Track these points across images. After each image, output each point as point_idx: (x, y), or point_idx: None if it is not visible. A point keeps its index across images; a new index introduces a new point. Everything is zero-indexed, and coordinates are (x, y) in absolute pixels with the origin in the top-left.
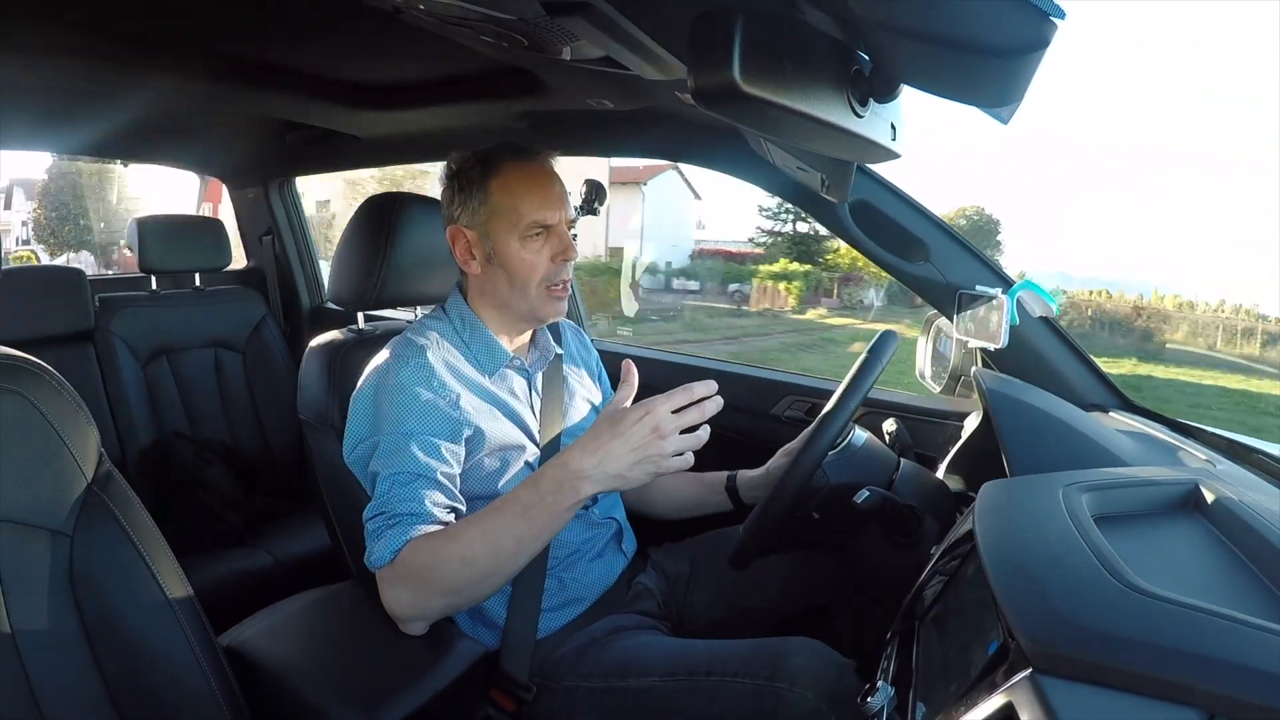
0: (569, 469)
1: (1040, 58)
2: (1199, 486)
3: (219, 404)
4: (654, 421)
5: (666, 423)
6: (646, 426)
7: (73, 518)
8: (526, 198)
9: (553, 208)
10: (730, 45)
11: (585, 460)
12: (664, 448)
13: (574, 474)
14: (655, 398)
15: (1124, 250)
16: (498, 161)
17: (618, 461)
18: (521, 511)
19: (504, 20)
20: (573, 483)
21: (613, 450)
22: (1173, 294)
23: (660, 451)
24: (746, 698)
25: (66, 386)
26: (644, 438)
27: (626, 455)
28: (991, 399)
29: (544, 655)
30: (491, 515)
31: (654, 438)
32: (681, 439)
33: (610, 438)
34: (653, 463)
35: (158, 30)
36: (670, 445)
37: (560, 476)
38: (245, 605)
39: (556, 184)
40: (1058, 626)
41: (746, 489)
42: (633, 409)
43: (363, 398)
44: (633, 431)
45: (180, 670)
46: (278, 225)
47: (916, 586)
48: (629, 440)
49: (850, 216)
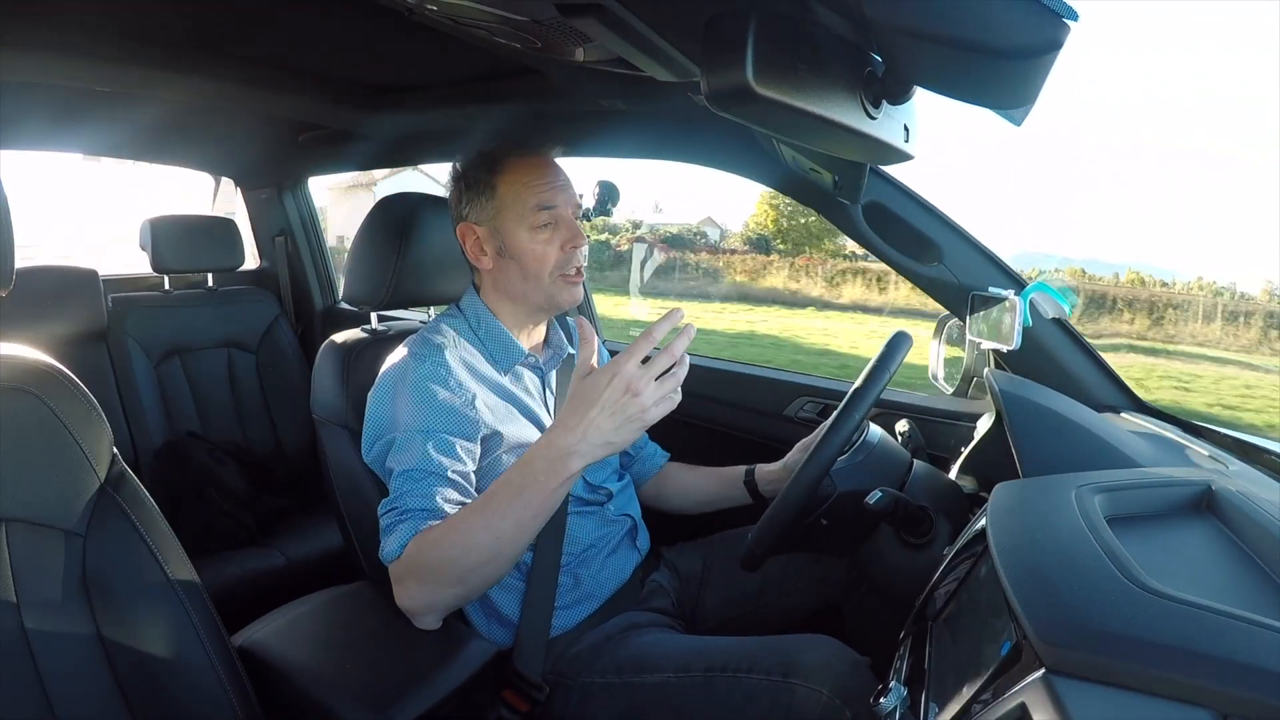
0: (555, 447)
1: (1054, 59)
2: (1211, 487)
3: (232, 404)
4: (623, 381)
5: (637, 378)
6: (618, 388)
7: (86, 517)
8: (531, 186)
9: (558, 192)
10: (743, 47)
11: (568, 436)
12: (641, 403)
13: (561, 451)
14: (618, 356)
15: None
16: (502, 157)
17: (600, 430)
18: (516, 494)
19: (517, 21)
20: (562, 460)
21: (592, 419)
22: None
23: (639, 407)
24: (761, 694)
25: (79, 387)
26: (619, 399)
27: (606, 422)
28: (1004, 400)
29: (558, 653)
30: (488, 501)
31: (629, 397)
32: (658, 386)
33: (587, 408)
34: (635, 420)
35: (171, 31)
36: (647, 398)
37: (549, 456)
38: (258, 605)
39: (560, 175)
40: (1071, 627)
41: (765, 483)
42: (600, 374)
43: (380, 395)
44: (605, 396)
45: (193, 670)
46: (291, 226)
47: (929, 587)
48: (605, 406)
49: (862, 217)
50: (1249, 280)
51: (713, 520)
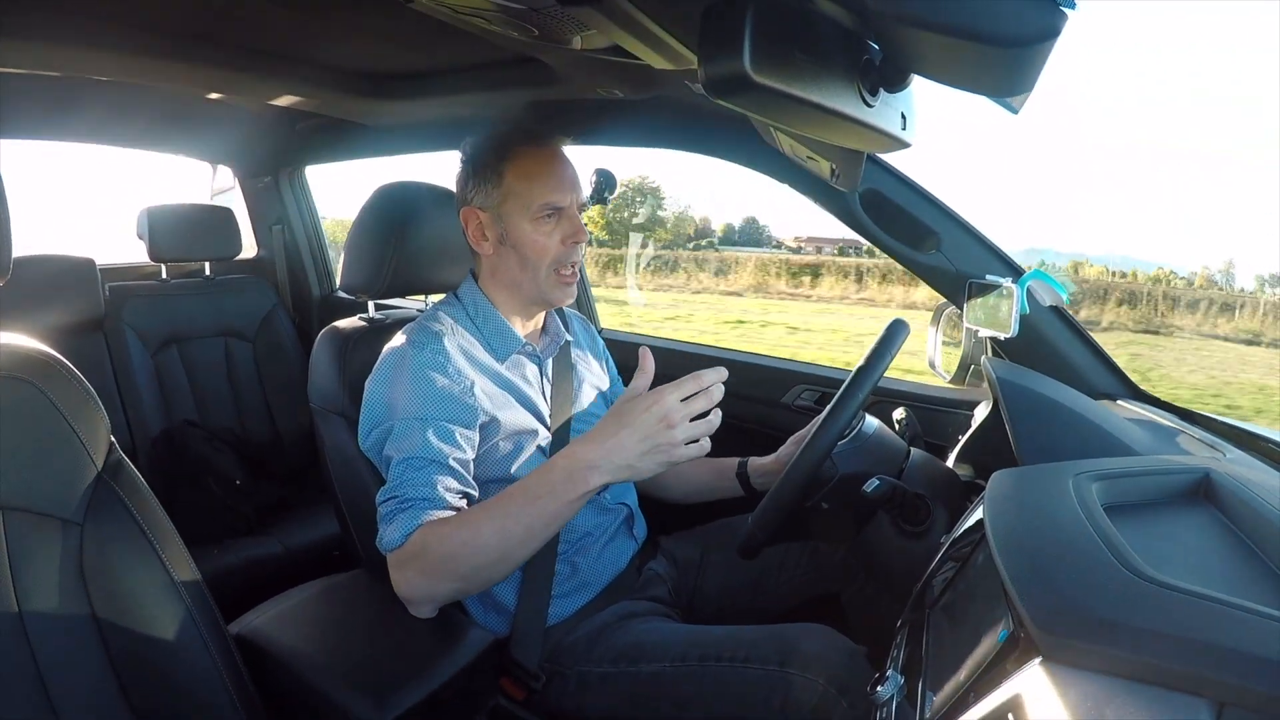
0: (578, 459)
1: (1051, 48)
2: (1209, 475)
3: (229, 393)
4: (662, 410)
5: (675, 411)
6: (654, 416)
7: (83, 506)
8: (539, 181)
9: (564, 191)
10: (740, 35)
11: (594, 451)
12: (673, 436)
13: (583, 464)
14: (663, 387)
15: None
16: (512, 146)
17: (626, 452)
18: (531, 500)
19: (514, 9)
20: (582, 473)
21: (621, 441)
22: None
23: (670, 441)
24: (757, 683)
25: (77, 376)
26: (652, 427)
27: (635, 446)
28: (1001, 388)
29: (555, 642)
30: (502, 503)
31: (662, 427)
32: (692, 426)
33: (618, 428)
34: (663, 452)
35: (169, 20)
36: (680, 434)
37: (569, 467)
38: (255, 593)
39: (568, 169)
40: (1068, 615)
41: (757, 476)
42: (640, 399)
43: (378, 383)
44: (640, 421)
45: (190, 658)
46: (288, 215)
47: (926, 575)
48: (637, 430)
49: (860, 205)
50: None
51: (710, 509)
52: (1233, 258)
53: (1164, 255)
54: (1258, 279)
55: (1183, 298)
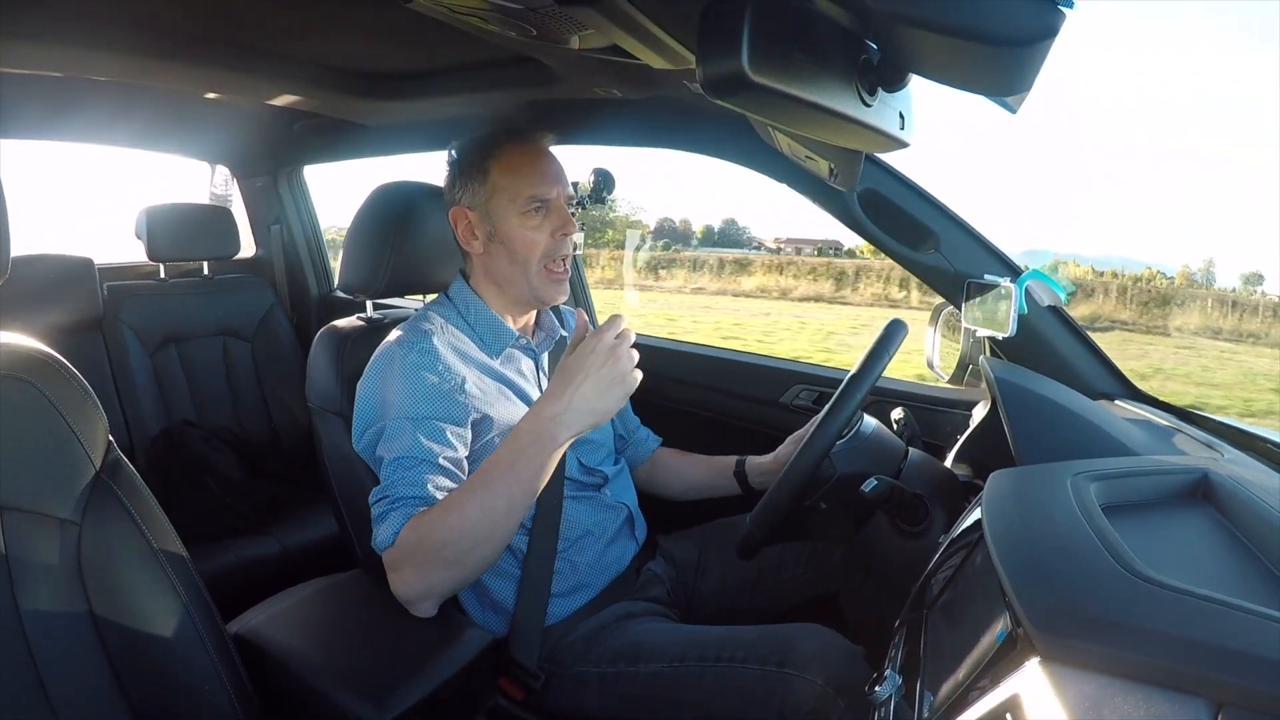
0: (542, 417)
1: (1049, 47)
2: (1207, 475)
3: (227, 392)
4: (604, 346)
5: (618, 345)
6: (600, 354)
7: (81, 505)
8: (524, 175)
9: (550, 184)
10: (739, 35)
11: (554, 405)
12: (624, 366)
13: (547, 419)
14: (593, 331)
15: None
16: (496, 144)
17: (586, 397)
18: (507, 469)
19: (513, 9)
20: (549, 430)
21: (578, 387)
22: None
23: (622, 370)
24: (755, 683)
25: (75, 375)
26: (601, 363)
27: (592, 388)
28: (999, 388)
29: (554, 642)
30: (479, 479)
31: (611, 360)
32: (634, 354)
33: (570, 377)
34: (619, 384)
35: (167, 20)
36: (626, 364)
37: (535, 429)
38: (253, 593)
39: (553, 163)
40: (1065, 615)
41: (755, 475)
42: (581, 347)
43: (369, 383)
44: (589, 364)
45: (188, 657)
46: (286, 214)
47: (924, 576)
48: (589, 373)
49: (858, 205)
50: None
51: (708, 509)
52: (1213, 256)
53: (1163, 256)
54: (1242, 277)
55: (1162, 296)
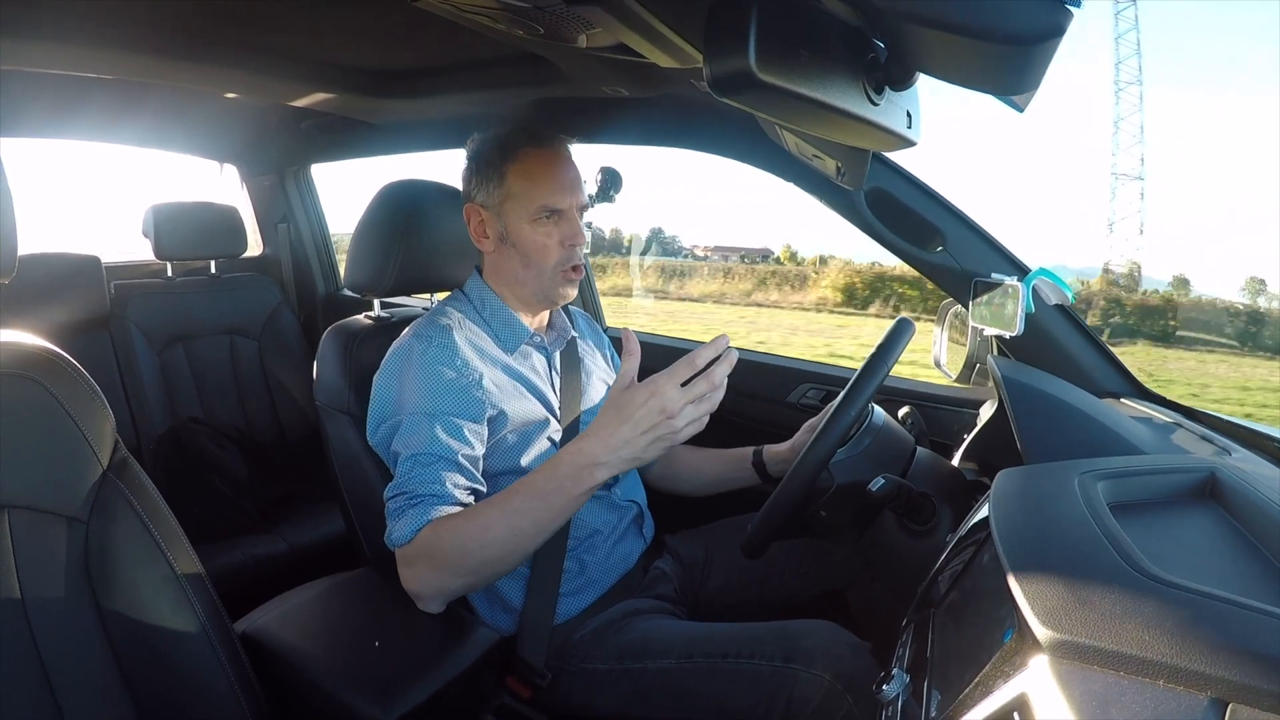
0: (584, 456)
1: (1056, 46)
2: (1215, 474)
3: (234, 390)
4: (660, 403)
5: (674, 402)
6: (654, 409)
7: (88, 504)
8: (540, 183)
9: (564, 194)
10: (746, 33)
11: (597, 447)
12: (674, 425)
13: (589, 460)
14: (658, 376)
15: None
16: (516, 146)
17: (630, 446)
18: (539, 496)
19: (521, 8)
20: (589, 469)
21: (623, 435)
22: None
23: (672, 430)
24: (763, 679)
25: (82, 374)
26: (653, 419)
27: (638, 439)
28: (1006, 386)
29: (561, 639)
30: (510, 498)
31: (663, 418)
32: (693, 409)
33: (620, 423)
34: (665, 440)
35: (175, 18)
36: (681, 421)
37: (576, 463)
38: (260, 591)
39: (571, 170)
40: (1072, 614)
41: (774, 463)
42: (639, 391)
43: (386, 377)
44: (640, 416)
45: (196, 657)
46: (293, 213)
47: (931, 574)
48: (638, 425)
49: (866, 204)
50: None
51: (715, 507)
52: (1140, 262)
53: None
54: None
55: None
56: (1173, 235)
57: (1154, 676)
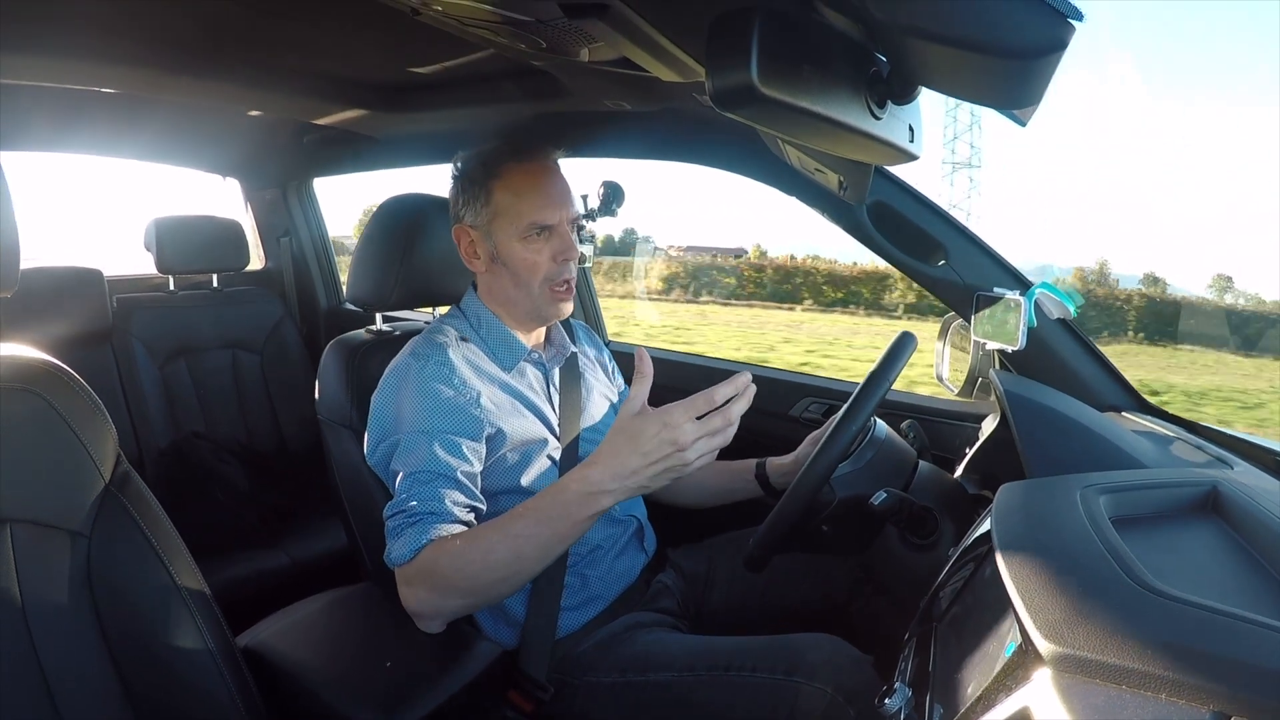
0: (590, 482)
1: (1058, 60)
2: (1216, 488)
3: (236, 404)
4: (673, 435)
5: (686, 435)
6: (666, 441)
7: (90, 518)
8: (528, 199)
9: (554, 208)
10: (748, 48)
11: (604, 475)
12: (685, 458)
13: (595, 487)
14: (673, 407)
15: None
16: (500, 163)
17: (637, 476)
18: (543, 521)
19: (521, 21)
20: (595, 496)
21: (631, 464)
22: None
23: (682, 462)
24: (765, 692)
25: (84, 387)
26: (663, 451)
27: (645, 470)
28: (1009, 400)
29: (564, 653)
30: (513, 521)
31: (673, 450)
32: (705, 442)
33: (629, 453)
34: (674, 471)
35: (176, 33)
36: (692, 455)
37: (582, 490)
38: (262, 605)
39: (559, 183)
40: (1075, 628)
41: (777, 475)
42: (650, 420)
43: (384, 396)
44: (651, 447)
45: (198, 671)
46: (295, 226)
47: (934, 588)
48: (648, 456)
49: (868, 218)
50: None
51: (717, 521)
52: (1107, 258)
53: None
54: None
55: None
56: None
57: (1156, 690)
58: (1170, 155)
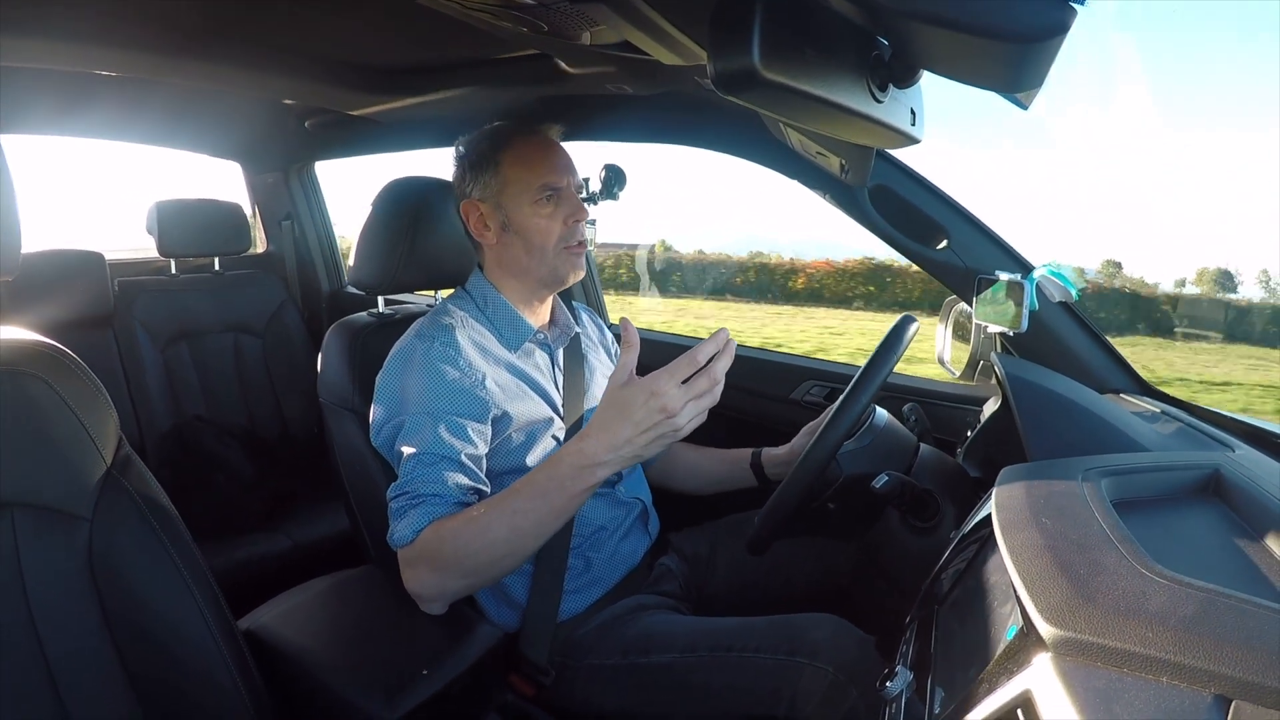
0: (584, 455)
1: (1060, 43)
2: (1218, 471)
3: (238, 388)
4: (661, 402)
5: (674, 400)
6: (654, 408)
7: (92, 502)
8: (536, 165)
9: (561, 173)
10: (750, 30)
11: (597, 446)
12: (676, 423)
13: (590, 460)
14: (659, 374)
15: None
16: (507, 136)
17: (630, 445)
18: (540, 495)
19: (524, 5)
20: (590, 469)
21: (624, 434)
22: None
23: (673, 427)
24: (767, 672)
25: (86, 371)
26: (653, 418)
27: (638, 438)
28: (1010, 384)
29: (565, 636)
30: (510, 498)
31: (663, 416)
32: (694, 405)
33: (620, 422)
34: (666, 437)
35: (178, 16)
36: (682, 419)
37: (576, 463)
38: (264, 589)
39: (563, 154)
40: (1076, 611)
41: (771, 466)
42: (638, 389)
43: (389, 377)
44: (640, 416)
45: (199, 654)
46: (297, 210)
47: (935, 571)
48: (639, 424)
49: (869, 201)
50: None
51: (719, 504)
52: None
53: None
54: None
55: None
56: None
57: (1158, 673)
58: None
